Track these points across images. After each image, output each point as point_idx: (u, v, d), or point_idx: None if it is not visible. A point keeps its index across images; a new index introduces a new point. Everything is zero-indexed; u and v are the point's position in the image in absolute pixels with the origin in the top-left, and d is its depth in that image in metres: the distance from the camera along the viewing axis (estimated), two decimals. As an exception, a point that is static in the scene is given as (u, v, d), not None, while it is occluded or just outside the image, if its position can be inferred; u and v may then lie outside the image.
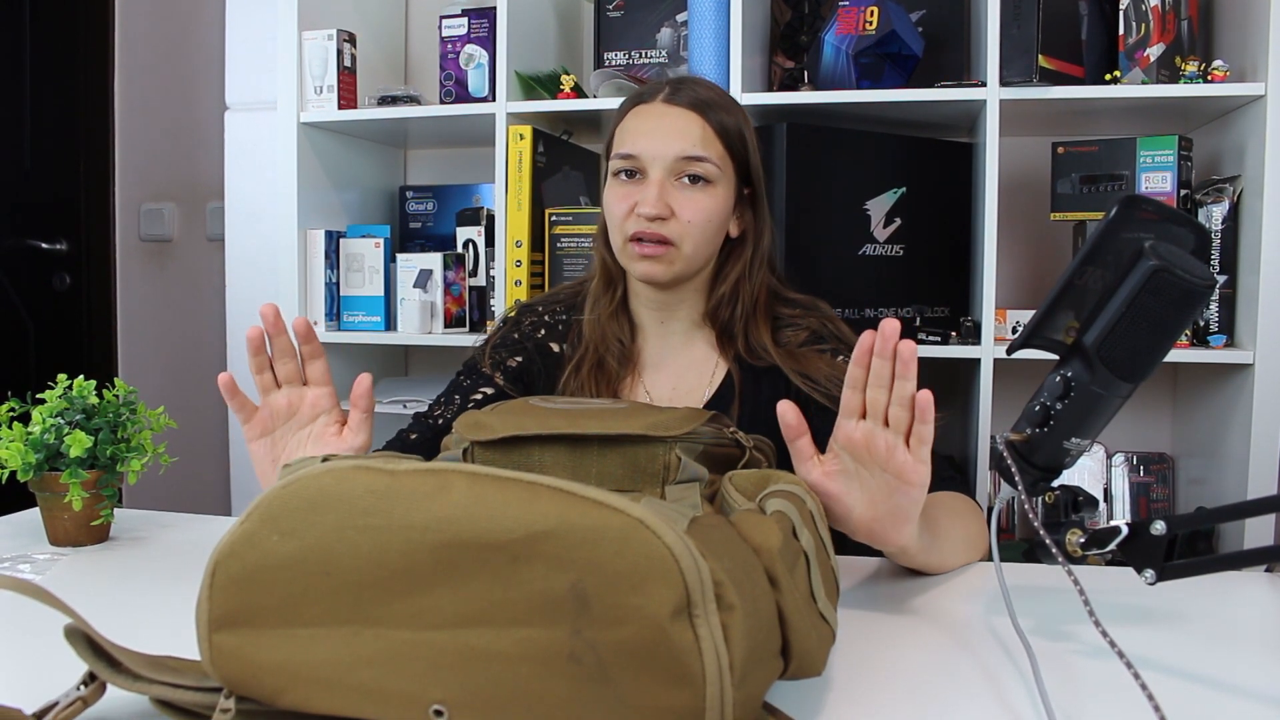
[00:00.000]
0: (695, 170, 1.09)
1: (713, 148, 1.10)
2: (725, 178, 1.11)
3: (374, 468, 0.54)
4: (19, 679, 0.69)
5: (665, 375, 1.17)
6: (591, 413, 0.81)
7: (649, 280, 1.11)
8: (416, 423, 1.18)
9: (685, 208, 1.08)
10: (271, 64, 2.00)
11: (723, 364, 1.16)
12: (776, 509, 0.66)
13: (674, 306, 1.16)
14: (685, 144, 1.09)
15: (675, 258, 1.09)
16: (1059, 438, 0.72)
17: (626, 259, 1.11)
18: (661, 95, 1.12)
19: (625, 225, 1.09)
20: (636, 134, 1.11)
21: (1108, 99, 1.68)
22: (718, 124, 1.11)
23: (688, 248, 1.09)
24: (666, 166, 1.09)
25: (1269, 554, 0.74)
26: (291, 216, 1.99)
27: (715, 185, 1.10)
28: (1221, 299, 1.67)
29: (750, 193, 1.16)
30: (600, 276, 1.19)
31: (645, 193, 1.08)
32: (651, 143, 1.09)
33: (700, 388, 1.16)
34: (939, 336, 1.73)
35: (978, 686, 0.68)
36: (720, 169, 1.10)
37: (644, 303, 1.17)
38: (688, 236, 1.09)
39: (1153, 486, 1.93)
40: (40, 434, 1.03)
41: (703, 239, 1.10)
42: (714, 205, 1.10)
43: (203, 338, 2.60)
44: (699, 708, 0.49)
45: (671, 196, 1.08)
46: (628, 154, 1.10)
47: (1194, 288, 0.66)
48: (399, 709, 0.52)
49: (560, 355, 1.19)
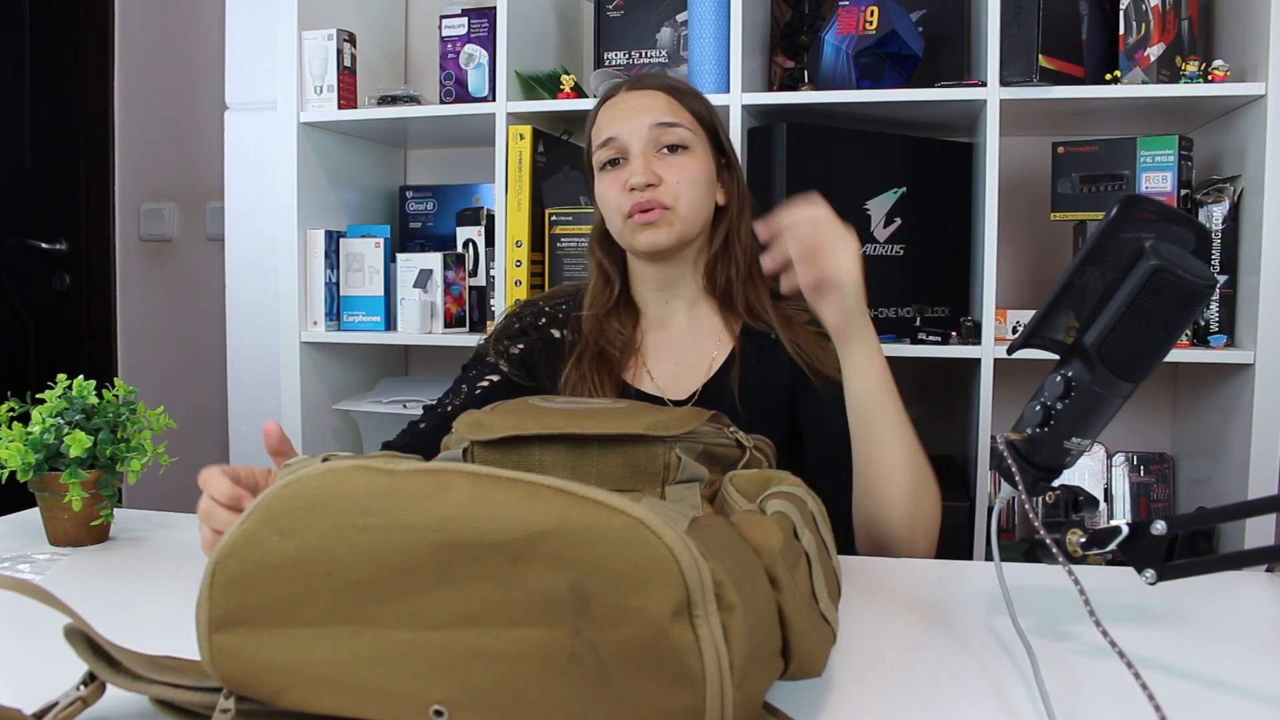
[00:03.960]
0: (671, 138, 1.16)
1: (682, 115, 1.17)
2: (700, 143, 1.18)
3: (374, 468, 0.54)
4: (19, 679, 0.69)
5: (668, 356, 1.19)
6: (592, 412, 0.81)
7: (653, 248, 1.15)
8: (426, 414, 1.23)
9: (670, 172, 1.15)
10: (271, 64, 2.00)
11: (727, 339, 1.18)
12: (777, 510, 0.66)
13: (675, 282, 1.20)
14: (656, 113, 1.16)
15: (673, 219, 1.14)
16: (1059, 437, 0.72)
17: (628, 235, 1.16)
18: (626, 86, 1.20)
19: (620, 204, 1.15)
20: (611, 120, 1.18)
21: (1108, 99, 1.68)
22: (682, 99, 1.19)
23: (683, 208, 1.15)
24: (644, 138, 1.15)
25: (1269, 554, 0.74)
26: (291, 216, 1.99)
27: (693, 150, 1.17)
28: (1222, 299, 1.67)
29: (727, 163, 1.22)
30: (597, 277, 1.23)
31: (631, 166, 1.15)
32: (625, 121, 1.16)
33: (704, 364, 1.18)
34: (939, 336, 1.73)
35: (978, 686, 0.68)
36: (694, 134, 1.17)
37: (648, 284, 1.21)
38: (680, 198, 1.14)
39: (1153, 486, 1.93)
40: (40, 434, 1.03)
41: (694, 199, 1.15)
42: (697, 167, 1.16)
43: (203, 338, 2.60)
44: (699, 708, 0.49)
45: (656, 165, 1.15)
46: (607, 138, 1.17)
47: (1194, 288, 0.66)
48: (399, 709, 0.52)
49: (562, 341, 1.22)
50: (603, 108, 1.21)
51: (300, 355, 2.01)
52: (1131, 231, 0.69)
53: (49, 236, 2.68)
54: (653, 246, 1.14)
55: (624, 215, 1.14)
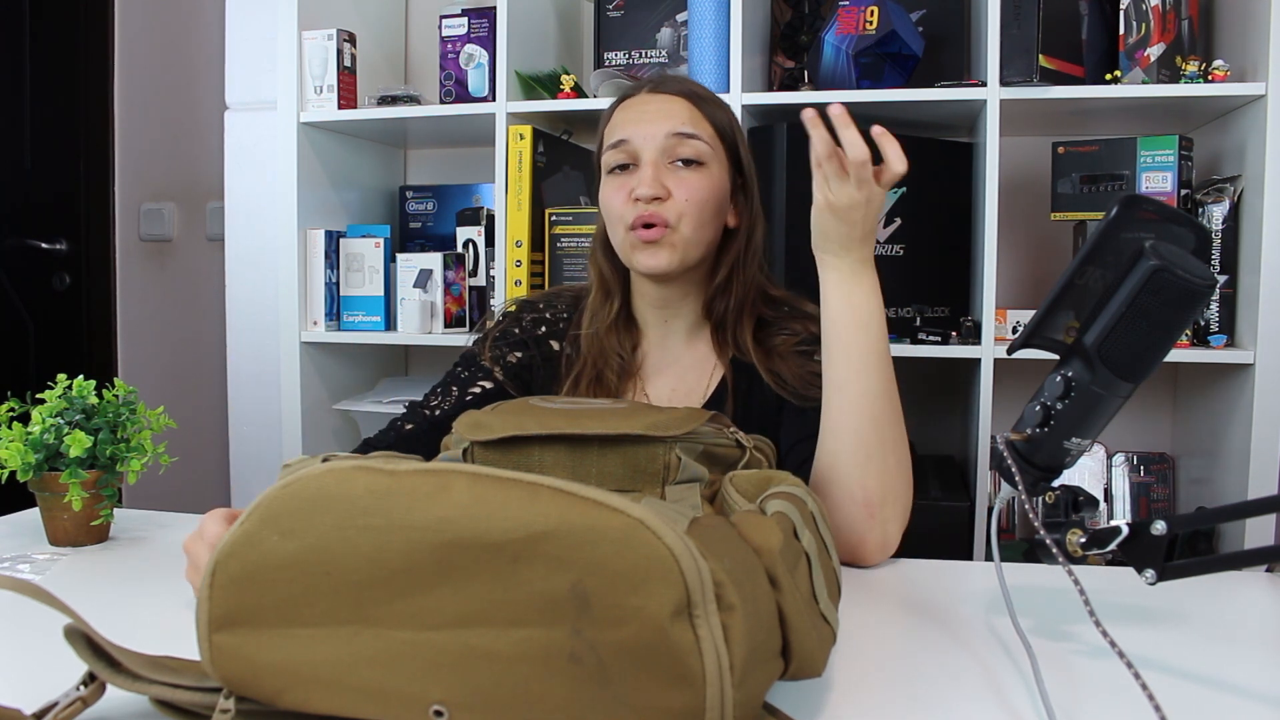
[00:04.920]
0: (687, 151, 1.09)
1: (702, 127, 1.10)
2: (718, 159, 1.11)
3: (374, 468, 0.54)
4: (19, 679, 0.69)
5: (665, 378, 1.17)
6: (592, 413, 0.81)
7: (653, 273, 1.10)
8: (412, 413, 1.17)
9: (680, 188, 1.08)
10: (271, 64, 2.00)
11: (720, 366, 1.15)
12: (777, 510, 0.66)
13: (677, 304, 1.15)
14: (675, 122, 1.09)
15: (676, 241, 1.08)
16: (1059, 437, 0.72)
17: (628, 252, 1.10)
18: (647, 88, 1.14)
19: (624, 214, 1.08)
20: (626, 122, 1.11)
21: (1108, 99, 1.68)
22: (705, 109, 1.12)
23: (686, 229, 1.08)
24: (658, 147, 1.09)
25: (1269, 554, 0.74)
26: (291, 216, 1.99)
27: (709, 166, 1.10)
28: (1222, 299, 1.67)
29: (743, 183, 1.16)
30: (598, 289, 1.18)
31: (640, 175, 1.08)
32: (641, 126, 1.10)
33: (699, 389, 1.15)
34: (939, 336, 1.73)
35: (978, 686, 0.68)
36: (712, 149, 1.10)
37: (648, 302, 1.16)
38: (686, 217, 1.08)
39: (1153, 486, 1.93)
40: (40, 434, 1.03)
41: (700, 220, 1.09)
42: (709, 185, 1.10)
43: (203, 338, 2.60)
44: (699, 708, 0.49)
45: (666, 178, 1.08)
46: (620, 140, 1.10)
47: (1194, 288, 0.66)
48: (399, 709, 0.52)
49: (560, 354, 1.19)
50: (620, 106, 1.14)
51: (300, 355, 2.01)
52: (1131, 231, 0.69)
53: (49, 236, 2.68)
54: (652, 270, 1.09)
55: (626, 225, 1.08)
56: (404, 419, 1.17)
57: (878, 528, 0.96)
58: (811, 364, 1.08)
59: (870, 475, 0.96)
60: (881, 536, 0.97)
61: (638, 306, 1.18)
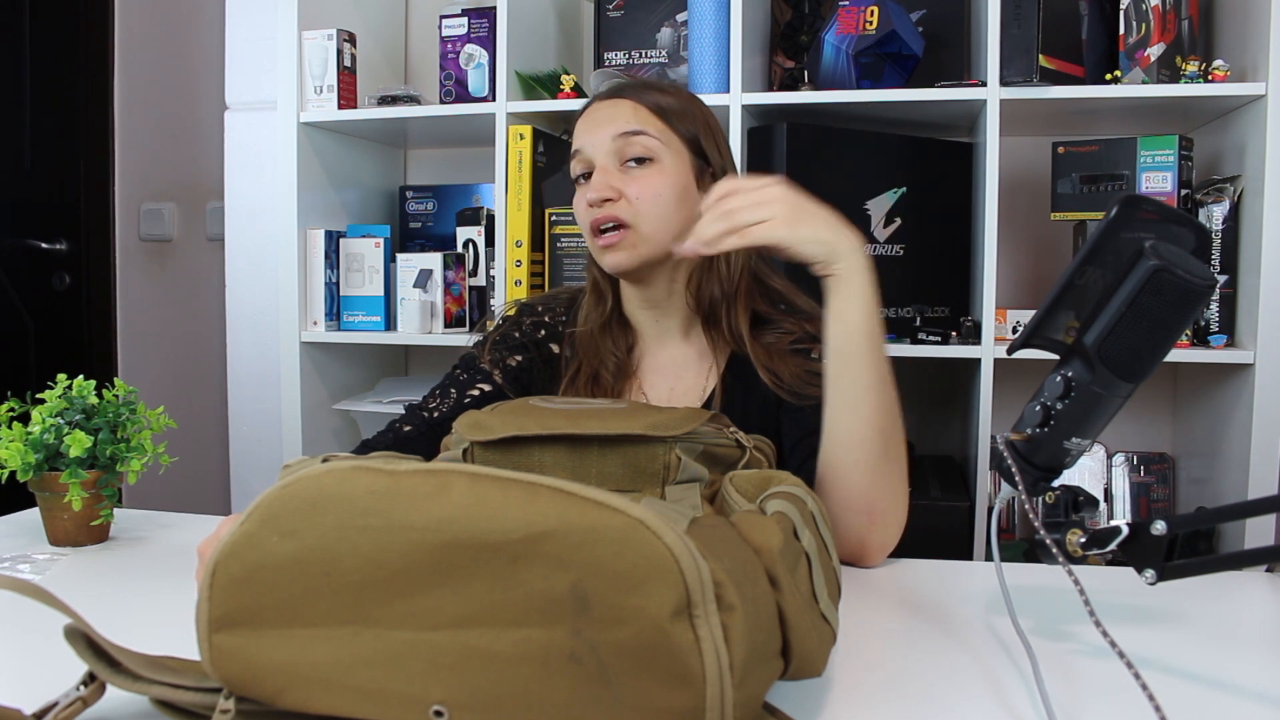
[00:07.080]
0: (636, 150, 1.10)
1: (649, 123, 1.11)
2: (671, 153, 1.12)
3: (374, 468, 0.54)
4: (19, 679, 0.69)
5: (663, 378, 1.17)
6: (592, 413, 0.81)
7: (617, 271, 1.11)
8: (410, 415, 1.17)
9: (631, 185, 1.09)
10: (271, 64, 2.00)
11: (717, 365, 1.15)
12: (777, 510, 0.66)
13: (664, 303, 1.15)
14: (619, 124, 1.11)
15: (635, 239, 1.09)
16: (1059, 437, 0.72)
17: (596, 254, 1.13)
18: (600, 96, 1.16)
19: (585, 219, 1.11)
20: (580, 133, 1.14)
21: (1108, 99, 1.68)
22: (651, 103, 1.12)
23: (645, 226, 1.09)
24: (607, 150, 1.10)
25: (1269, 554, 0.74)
26: (291, 216, 1.99)
27: (660, 161, 1.11)
28: (1222, 299, 1.67)
29: (713, 172, 1.15)
30: (591, 291, 1.19)
31: (592, 181, 1.10)
32: (590, 134, 1.12)
33: (697, 388, 1.15)
34: (939, 336, 1.73)
35: (978, 686, 0.68)
36: (662, 142, 1.11)
37: (636, 305, 1.17)
38: (641, 215, 1.09)
39: (1153, 486, 1.93)
40: (40, 434, 1.03)
41: (659, 215, 1.09)
42: (662, 181, 1.10)
43: (203, 338, 2.60)
44: (699, 708, 0.49)
45: (616, 179, 1.10)
46: (575, 150, 1.13)
47: (1194, 288, 0.66)
48: (399, 709, 0.52)
49: (559, 357, 1.19)
50: (579, 119, 1.16)
51: (300, 355, 2.01)
52: (1131, 231, 0.69)
53: (49, 236, 2.68)
54: (615, 269, 1.10)
55: (589, 232, 1.11)
56: (403, 421, 1.17)
57: (879, 532, 0.97)
58: (809, 362, 1.09)
59: (875, 485, 0.96)
60: (882, 539, 0.98)
61: (629, 309, 1.19)
